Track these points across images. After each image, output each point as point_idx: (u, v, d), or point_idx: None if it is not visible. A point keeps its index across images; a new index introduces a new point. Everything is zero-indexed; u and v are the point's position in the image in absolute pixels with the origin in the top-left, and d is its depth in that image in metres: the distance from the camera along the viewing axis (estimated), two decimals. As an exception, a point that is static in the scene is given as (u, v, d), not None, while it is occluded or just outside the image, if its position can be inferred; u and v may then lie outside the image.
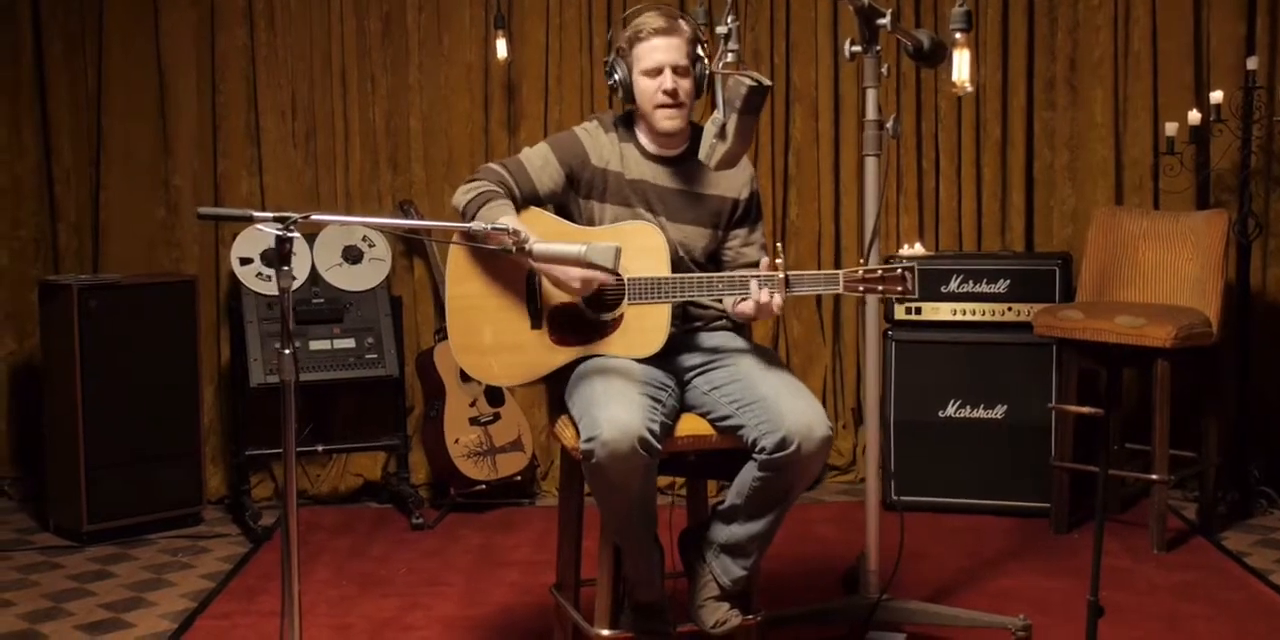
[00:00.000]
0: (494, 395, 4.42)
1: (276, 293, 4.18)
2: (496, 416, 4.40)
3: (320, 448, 4.39)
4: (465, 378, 4.34)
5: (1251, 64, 4.24)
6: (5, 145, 4.59)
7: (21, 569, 3.84)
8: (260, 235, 4.24)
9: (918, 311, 4.28)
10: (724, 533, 2.68)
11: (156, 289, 4.22)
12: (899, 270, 2.59)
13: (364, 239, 4.41)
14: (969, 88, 2.89)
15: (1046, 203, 4.66)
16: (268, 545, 4.05)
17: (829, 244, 4.78)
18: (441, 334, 4.44)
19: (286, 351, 2.30)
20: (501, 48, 4.54)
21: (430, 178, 4.69)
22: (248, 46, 4.60)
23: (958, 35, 2.90)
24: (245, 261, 4.25)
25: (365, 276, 4.42)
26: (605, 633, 2.71)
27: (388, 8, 4.63)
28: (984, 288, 4.23)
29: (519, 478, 4.45)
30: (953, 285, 4.25)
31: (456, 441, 4.31)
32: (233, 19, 4.57)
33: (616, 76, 2.82)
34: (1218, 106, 4.20)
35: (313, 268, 4.35)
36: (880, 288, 2.61)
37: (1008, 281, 4.22)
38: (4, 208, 4.60)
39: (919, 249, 4.43)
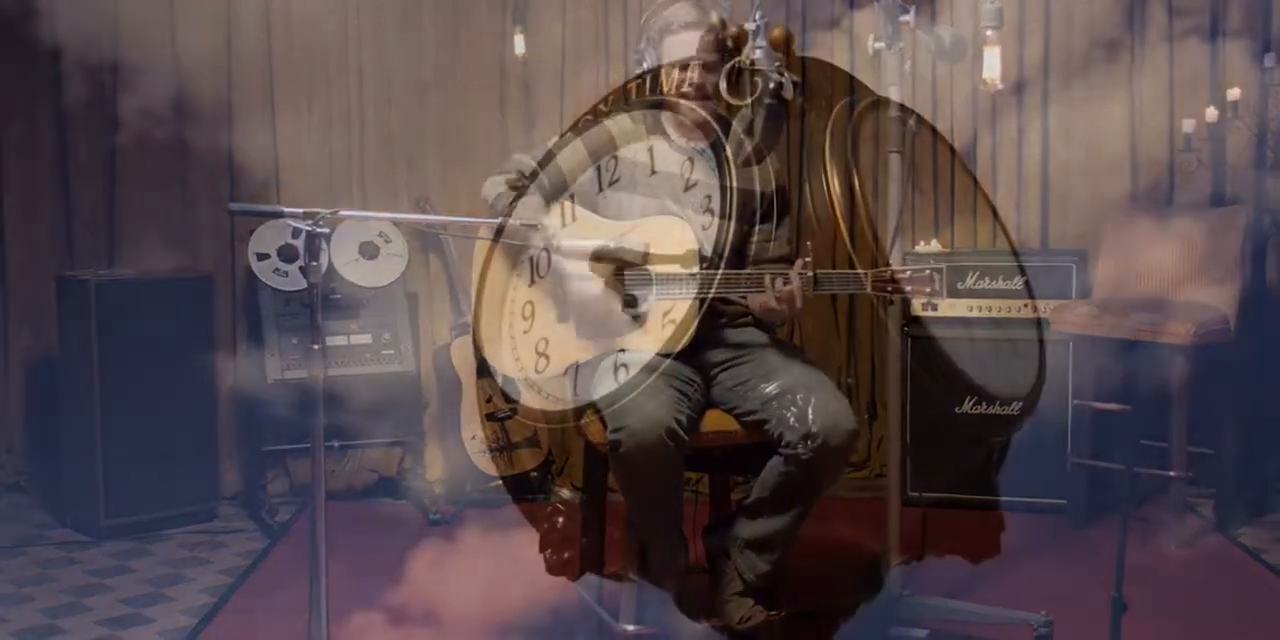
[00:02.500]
0: (510, 390, 4.42)
1: (293, 288, 4.25)
2: (512, 412, 4.40)
3: (335, 443, 4.38)
4: (481, 373, 4.34)
5: (1269, 61, 4.24)
6: (20, 141, 4.59)
7: (40, 564, 3.84)
8: (277, 231, 4.24)
9: (934, 308, 4.28)
10: (749, 528, 2.69)
11: (173, 285, 4.23)
12: (927, 271, 2.60)
13: (380, 235, 4.41)
14: (999, 84, 2.90)
15: (1062, 200, 4.65)
16: (284, 541, 4.06)
17: (842, 239, 4.77)
18: (458, 330, 4.45)
19: (315, 346, 2.29)
20: (519, 44, 4.54)
21: (446, 174, 4.69)
22: (265, 43, 4.59)
23: (989, 32, 2.90)
24: (262, 257, 4.26)
25: (382, 272, 4.41)
26: (630, 627, 2.71)
27: (404, 5, 4.63)
28: (1000, 284, 4.23)
29: (534, 473, 4.45)
30: (969, 282, 4.25)
31: (473, 437, 4.32)
32: (250, 16, 4.57)
33: (645, 66, 2.83)
34: (1235, 104, 4.19)
35: (330, 263, 4.35)
36: (908, 288, 2.61)
37: (1024, 278, 4.22)
38: (20, 203, 4.60)
39: (935, 246, 4.44)
